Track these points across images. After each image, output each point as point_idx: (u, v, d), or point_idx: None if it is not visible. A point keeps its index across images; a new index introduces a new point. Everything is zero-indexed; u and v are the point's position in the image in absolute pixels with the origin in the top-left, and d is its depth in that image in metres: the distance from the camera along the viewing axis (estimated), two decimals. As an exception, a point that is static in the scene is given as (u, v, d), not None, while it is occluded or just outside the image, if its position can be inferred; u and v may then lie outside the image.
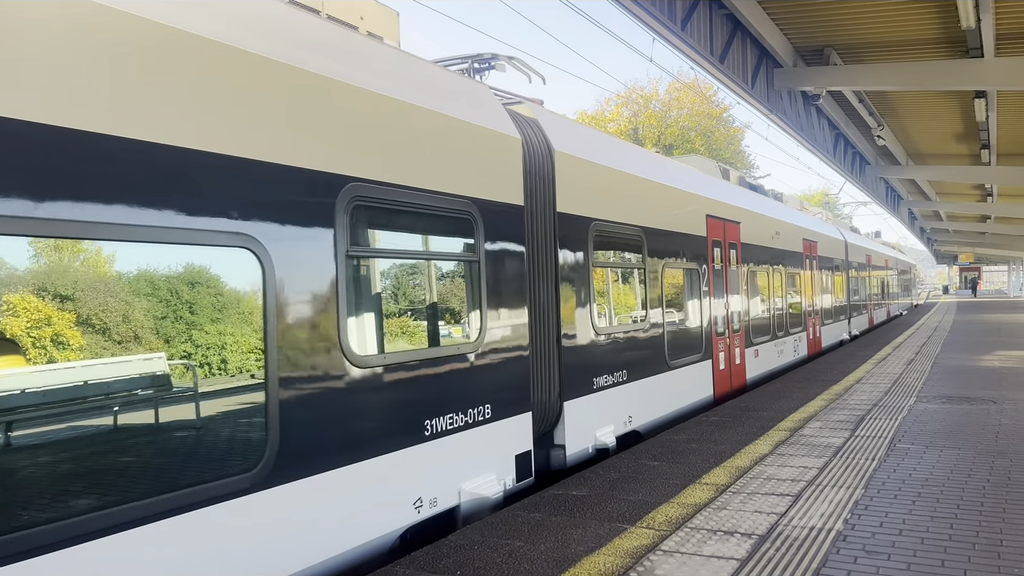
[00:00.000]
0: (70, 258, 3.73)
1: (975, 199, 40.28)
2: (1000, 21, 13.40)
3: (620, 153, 9.83)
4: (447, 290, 6.58)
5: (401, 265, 6.16)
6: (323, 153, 4.97)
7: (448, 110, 6.23)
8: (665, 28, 11.90)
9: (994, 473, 6.93)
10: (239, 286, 4.55)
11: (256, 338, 4.50)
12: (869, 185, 31.90)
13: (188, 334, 4.19)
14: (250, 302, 4.54)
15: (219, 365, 4.36)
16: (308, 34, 5.23)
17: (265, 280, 4.51)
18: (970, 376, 13.76)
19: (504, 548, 5.29)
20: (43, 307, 3.58)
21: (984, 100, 18.14)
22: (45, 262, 3.65)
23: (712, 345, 11.99)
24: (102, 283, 3.86)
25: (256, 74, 4.57)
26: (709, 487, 6.70)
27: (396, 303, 6.15)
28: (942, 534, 5.36)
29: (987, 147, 23.76)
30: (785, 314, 16.26)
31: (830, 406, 10.79)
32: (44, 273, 3.65)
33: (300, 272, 4.75)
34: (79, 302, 3.75)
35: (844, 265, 23.99)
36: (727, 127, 53.34)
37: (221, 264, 4.38)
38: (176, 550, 3.92)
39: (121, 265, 3.96)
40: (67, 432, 3.69)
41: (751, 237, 14.13)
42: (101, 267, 3.89)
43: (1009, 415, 9.72)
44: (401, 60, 6.20)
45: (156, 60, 4.01)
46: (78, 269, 3.78)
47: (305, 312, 4.78)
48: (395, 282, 6.17)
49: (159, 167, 3.95)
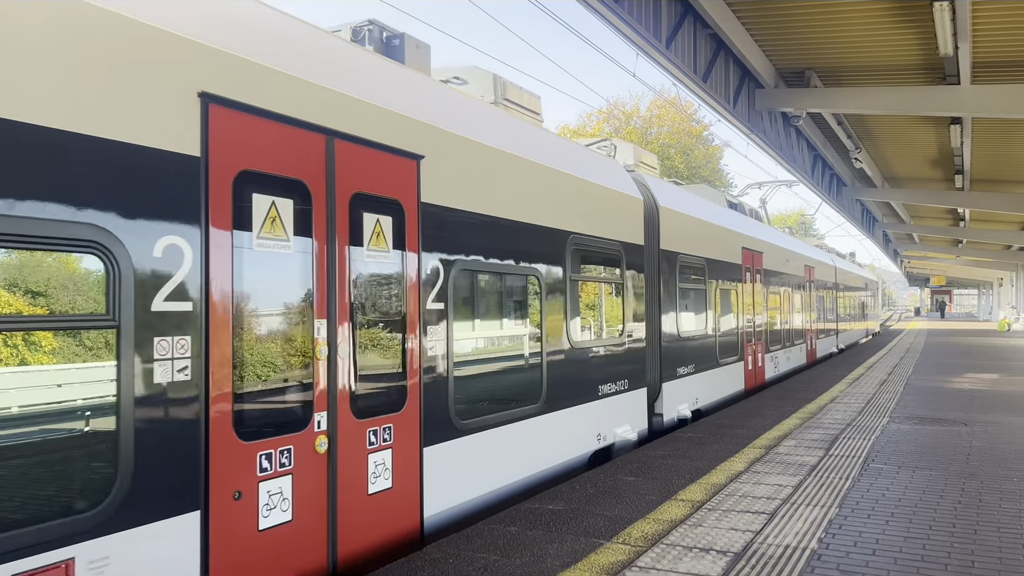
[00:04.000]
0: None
1: (948, 223, 40.97)
2: (977, 49, 13.68)
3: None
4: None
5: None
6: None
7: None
8: (650, 46, 12.00)
9: (965, 494, 7.01)
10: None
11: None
12: (845, 206, 32.32)
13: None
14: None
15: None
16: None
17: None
18: (941, 397, 13.94)
19: (479, 562, 5.25)
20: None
21: (959, 126, 18.48)
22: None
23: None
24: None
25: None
26: (685, 503, 6.71)
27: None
28: (915, 554, 5.39)
29: (961, 172, 24.19)
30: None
31: (804, 425, 10.86)
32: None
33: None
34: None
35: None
36: (706, 145, 53.84)
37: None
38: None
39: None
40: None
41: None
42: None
43: (980, 437, 9.84)
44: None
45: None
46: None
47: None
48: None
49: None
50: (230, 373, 4.31)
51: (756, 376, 16.03)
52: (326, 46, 5.53)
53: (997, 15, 12.29)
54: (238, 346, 4.41)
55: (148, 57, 3.98)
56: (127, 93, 3.86)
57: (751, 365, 15.56)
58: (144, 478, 3.83)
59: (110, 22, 3.83)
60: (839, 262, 29.84)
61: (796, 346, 20.21)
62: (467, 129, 6.68)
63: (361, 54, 6.01)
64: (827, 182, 27.66)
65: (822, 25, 13.53)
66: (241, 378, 4.44)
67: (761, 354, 16.50)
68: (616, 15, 10.78)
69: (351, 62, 5.69)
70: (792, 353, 19.66)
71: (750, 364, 15.50)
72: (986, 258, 54.15)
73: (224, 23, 4.57)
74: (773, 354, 17.66)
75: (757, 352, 16.14)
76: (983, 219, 37.12)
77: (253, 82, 4.56)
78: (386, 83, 5.92)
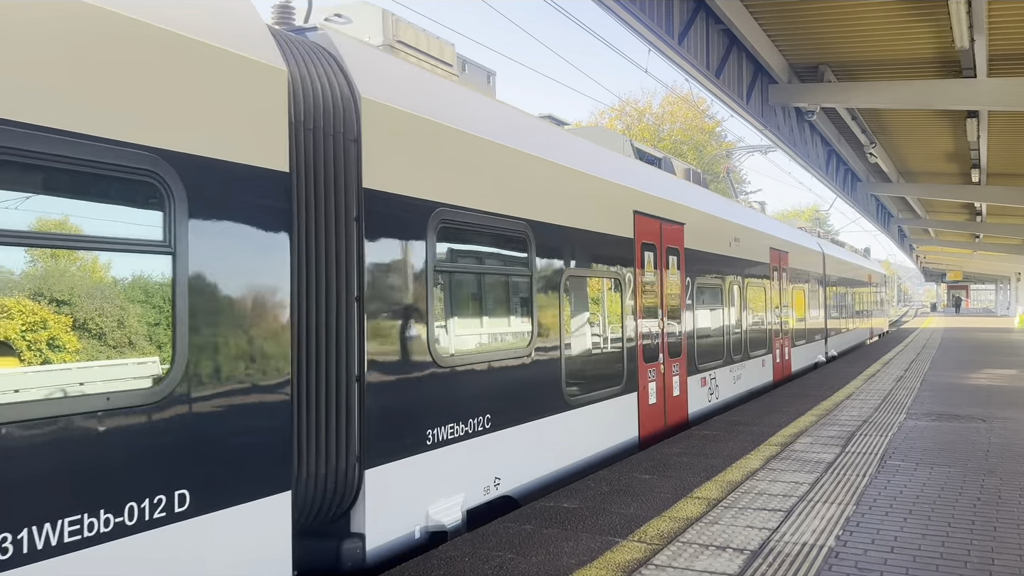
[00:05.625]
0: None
1: (964, 218, 40.57)
2: (993, 42, 13.51)
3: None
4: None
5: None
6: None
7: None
8: (663, 42, 11.94)
9: (984, 491, 6.95)
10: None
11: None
12: (860, 202, 32.06)
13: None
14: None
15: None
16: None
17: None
18: (959, 394, 13.81)
19: (495, 560, 5.25)
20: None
21: (976, 120, 18.27)
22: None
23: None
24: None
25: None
26: (701, 501, 6.68)
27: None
28: (934, 552, 5.35)
29: (977, 167, 23.92)
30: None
31: (820, 422, 10.80)
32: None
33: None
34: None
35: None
36: (719, 141, 53.60)
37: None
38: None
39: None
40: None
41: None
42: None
43: (998, 433, 9.75)
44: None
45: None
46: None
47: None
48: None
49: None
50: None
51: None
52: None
53: (1014, 6, 12.15)
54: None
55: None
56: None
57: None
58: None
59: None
60: (830, 248, 24.99)
61: (755, 358, 14.79)
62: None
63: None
64: (841, 177, 27.46)
65: (836, 20, 13.42)
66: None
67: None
68: (628, 12, 10.74)
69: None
70: (744, 373, 14.14)
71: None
72: (1004, 252, 53.59)
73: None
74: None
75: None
76: (1001, 213, 36.72)
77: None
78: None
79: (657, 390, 10.06)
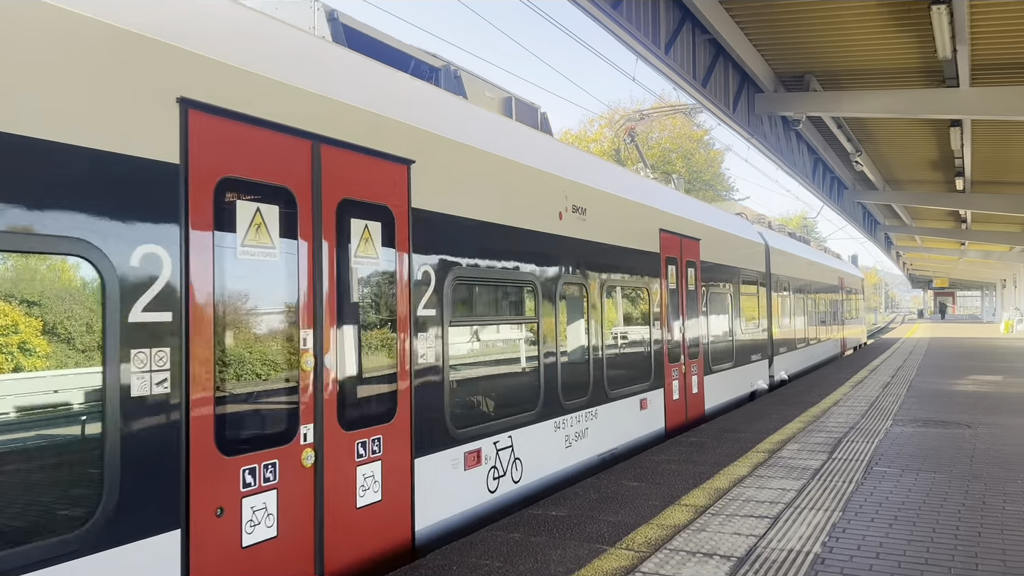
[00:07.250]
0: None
1: (950, 225, 40.91)
2: (976, 51, 13.68)
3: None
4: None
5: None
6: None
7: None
8: (649, 52, 12.01)
9: (969, 497, 7.00)
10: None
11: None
12: (847, 209, 32.28)
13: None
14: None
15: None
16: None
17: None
18: (945, 400, 13.91)
19: (483, 568, 5.25)
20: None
21: (959, 129, 18.47)
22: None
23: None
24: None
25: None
26: (688, 508, 6.70)
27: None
28: (919, 558, 5.39)
29: (961, 175, 24.16)
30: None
31: (808, 428, 10.85)
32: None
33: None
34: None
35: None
36: (707, 149, 53.93)
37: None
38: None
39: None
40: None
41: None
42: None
43: (983, 439, 9.83)
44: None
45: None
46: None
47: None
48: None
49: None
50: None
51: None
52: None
53: (995, 17, 12.30)
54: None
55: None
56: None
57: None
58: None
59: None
60: (781, 241, 20.17)
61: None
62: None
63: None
64: (828, 185, 27.65)
65: (821, 29, 13.55)
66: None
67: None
68: (614, 21, 10.80)
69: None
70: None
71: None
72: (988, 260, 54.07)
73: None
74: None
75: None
76: (985, 220, 37.07)
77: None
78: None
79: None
